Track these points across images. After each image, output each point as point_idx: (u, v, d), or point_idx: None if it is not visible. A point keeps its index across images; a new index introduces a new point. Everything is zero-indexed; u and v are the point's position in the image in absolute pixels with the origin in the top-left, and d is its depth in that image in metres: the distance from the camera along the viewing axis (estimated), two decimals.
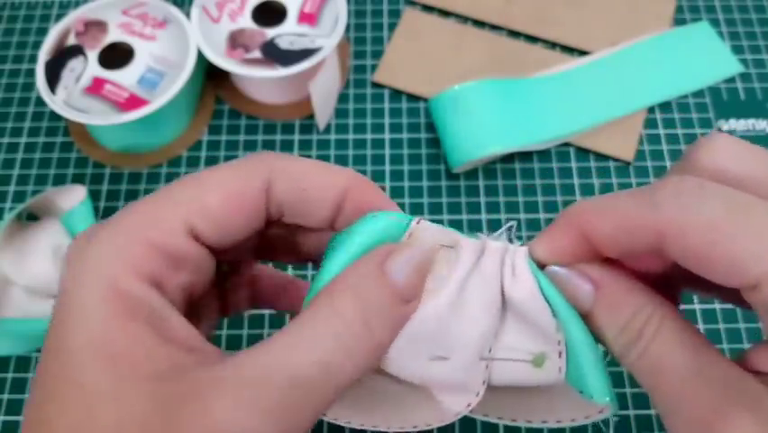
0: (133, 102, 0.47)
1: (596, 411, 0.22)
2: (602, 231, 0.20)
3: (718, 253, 0.17)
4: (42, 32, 0.56)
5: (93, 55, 0.49)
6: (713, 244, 0.17)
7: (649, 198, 0.19)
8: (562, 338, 0.22)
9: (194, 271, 0.21)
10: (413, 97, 0.53)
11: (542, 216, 0.48)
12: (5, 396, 0.43)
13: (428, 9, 0.57)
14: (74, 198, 0.47)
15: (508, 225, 0.23)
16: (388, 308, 0.19)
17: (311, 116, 0.52)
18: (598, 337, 0.22)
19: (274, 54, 0.48)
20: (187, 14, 0.50)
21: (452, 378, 0.22)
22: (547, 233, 0.22)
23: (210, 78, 0.53)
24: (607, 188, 0.49)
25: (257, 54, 0.49)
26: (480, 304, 0.21)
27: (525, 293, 0.21)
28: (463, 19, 0.56)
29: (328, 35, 0.49)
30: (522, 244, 0.22)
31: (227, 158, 0.51)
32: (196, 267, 0.21)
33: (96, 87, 0.47)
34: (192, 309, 0.22)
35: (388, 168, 0.50)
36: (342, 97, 0.53)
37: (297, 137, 0.52)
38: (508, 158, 0.50)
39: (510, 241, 0.23)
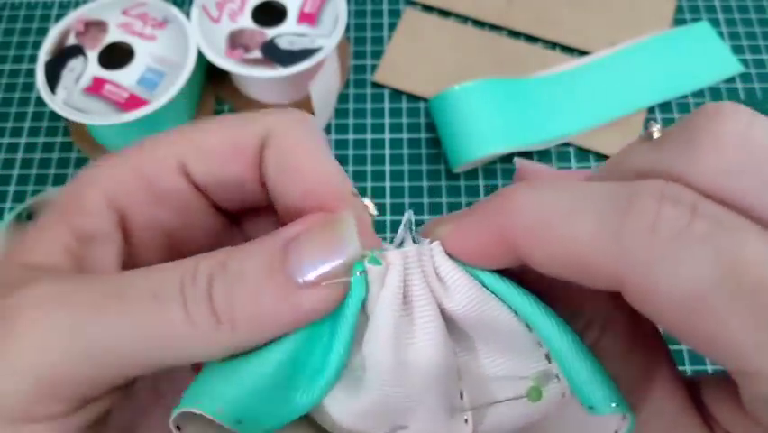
0: (133, 102, 0.47)
1: (611, 429, 0.16)
2: (540, 256, 0.15)
3: (704, 332, 0.13)
4: (42, 32, 0.56)
5: (93, 55, 0.49)
6: (697, 321, 0.13)
7: (613, 225, 0.14)
8: (548, 349, 0.17)
9: (178, 211, 0.20)
10: (413, 97, 0.53)
11: None
12: None
13: (428, 9, 0.57)
14: None
15: (406, 215, 0.17)
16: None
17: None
18: None
19: (274, 54, 0.48)
20: (187, 14, 0.50)
21: None
22: (459, 226, 0.17)
23: (210, 78, 0.53)
24: None
25: (257, 54, 0.49)
26: (419, 339, 0.16)
27: (465, 302, 0.16)
28: (463, 19, 0.56)
29: (328, 35, 0.49)
30: (431, 241, 0.17)
31: None
32: (180, 206, 0.19)
33: (96, 87, 0.47)
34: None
35: (388, 168, 0.50)
36: (342, 97, 0.53)
37: None
38: (508, 158, 0.50)
39: (414, 240, 0.17)
